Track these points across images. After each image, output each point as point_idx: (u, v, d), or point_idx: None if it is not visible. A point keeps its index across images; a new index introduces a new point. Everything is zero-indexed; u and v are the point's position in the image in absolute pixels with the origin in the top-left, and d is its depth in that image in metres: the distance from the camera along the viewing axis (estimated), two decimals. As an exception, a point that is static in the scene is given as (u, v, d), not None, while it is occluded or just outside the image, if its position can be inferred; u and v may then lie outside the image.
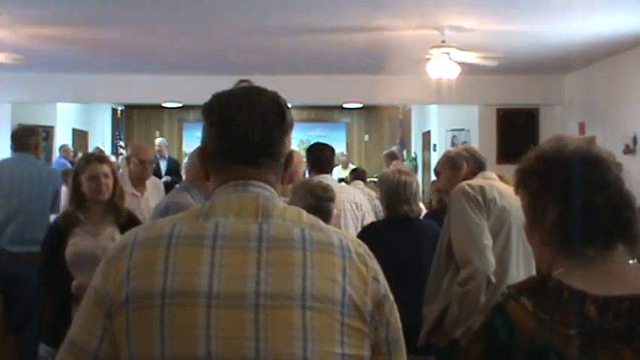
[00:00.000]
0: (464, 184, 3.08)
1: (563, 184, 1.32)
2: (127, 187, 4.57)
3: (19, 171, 4.73)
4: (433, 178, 12.12)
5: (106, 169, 3.45)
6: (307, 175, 4.73)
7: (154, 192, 4.94)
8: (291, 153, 1.41)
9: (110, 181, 3.45)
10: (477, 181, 3.11)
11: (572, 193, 1.31)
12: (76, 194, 3.46)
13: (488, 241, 2.93)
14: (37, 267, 4.68)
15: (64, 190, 8.02)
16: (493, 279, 2.90)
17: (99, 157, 3.68)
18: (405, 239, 3.52)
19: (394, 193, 3.58)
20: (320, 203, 3.12)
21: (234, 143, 1.33)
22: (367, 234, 3.64)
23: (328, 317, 1.22)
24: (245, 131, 1.32)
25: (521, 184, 1.42)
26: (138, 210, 4.48)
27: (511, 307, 1.26)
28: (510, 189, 3.25)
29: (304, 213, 1.34)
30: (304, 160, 4.56)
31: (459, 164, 3.28)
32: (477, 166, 3.28)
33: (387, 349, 1.31)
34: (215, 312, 1.19)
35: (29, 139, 4.85)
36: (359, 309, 1.25)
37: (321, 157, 4.44)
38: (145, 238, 1.28)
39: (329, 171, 4.50)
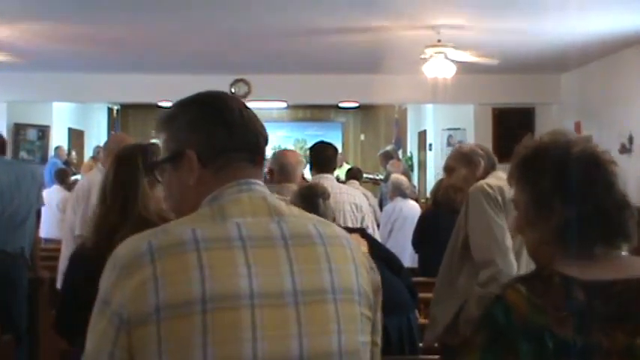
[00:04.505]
0: (483, 183, 2.98)
1: (572, 185, 1.35)
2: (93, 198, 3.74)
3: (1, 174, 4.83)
4: (429, 177, 12.16)
5: None
6: (309, 174, 4.67)
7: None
8: None
9: None
10: (494, 182, 3.00)
11: (582, 194, 1.34)
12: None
13: (509, 243, 2.85)
14: (22, 266, 4.73)
15: (56, 189, 8.13)
16: None
17: None
18: None
19: None
20: (308, 201, 3.18)
21: (248, 143, 1.38)
22: None
23: (353, 307, 1.29)
24: (258, 132, 1.40)
25: (523, 177, 1.43)
26: None
27: (508, 293, 1.32)
28: None
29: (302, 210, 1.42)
30: (302, 160, 4.48)
31: (476, 161, 3.15)
32: (491, 165, 3.17)
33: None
34: (259, 312, 1.20)
35: (2, 144, 4.98)
36: (368, 297, 1.33)
37: (322, 156, 4.37)
38: (164, 245, 1.23)
39: (330, 171, 4.41)
